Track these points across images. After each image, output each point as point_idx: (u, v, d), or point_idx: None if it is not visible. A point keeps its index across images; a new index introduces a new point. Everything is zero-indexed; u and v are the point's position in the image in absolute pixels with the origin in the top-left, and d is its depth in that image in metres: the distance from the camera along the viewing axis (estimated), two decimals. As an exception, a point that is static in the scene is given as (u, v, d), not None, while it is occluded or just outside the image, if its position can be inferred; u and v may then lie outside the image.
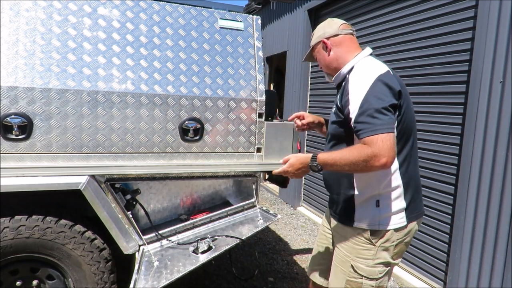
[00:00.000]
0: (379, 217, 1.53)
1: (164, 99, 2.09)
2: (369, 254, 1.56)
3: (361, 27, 4.08)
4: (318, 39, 1.67)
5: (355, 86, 1.45)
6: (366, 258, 1.56)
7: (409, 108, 1.52)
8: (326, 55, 1.66)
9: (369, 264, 1.56)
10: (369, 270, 1.56)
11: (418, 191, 1.63)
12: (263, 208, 2.54)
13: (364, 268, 1.56)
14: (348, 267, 1.60)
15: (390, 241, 1.55)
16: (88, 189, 1.94)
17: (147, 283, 1.93)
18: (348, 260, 1.60)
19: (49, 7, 1.93)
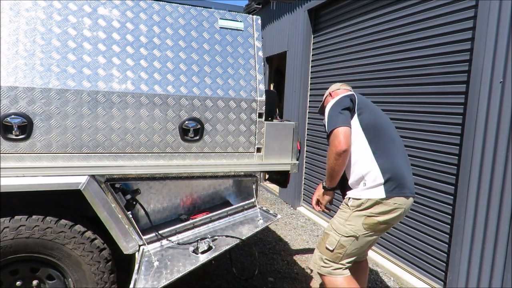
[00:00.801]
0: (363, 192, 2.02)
1: (164, 99, 2.09)
2: (344, 215, 2.06)
3: (361, 27, 4.08)
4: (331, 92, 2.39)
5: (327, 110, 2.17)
6: (341, 217, 2.07)
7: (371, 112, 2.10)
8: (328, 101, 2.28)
9: (341, 222, 2.06)
10: (340, 228, 2.05)
11: (399, 173, 2.02)
12: (263, 208, 2.54)
13: (336, 224, 2.08)
14: (329, 223, 2.15)
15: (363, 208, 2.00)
16: (88, 189, 1.94)
17: (147, 283, 1.93)
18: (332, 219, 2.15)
19: (49, 7, 1.93)
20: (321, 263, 2.11)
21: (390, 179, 1.97)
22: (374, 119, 2.09)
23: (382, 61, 3.73)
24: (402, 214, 2.03)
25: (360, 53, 4.11)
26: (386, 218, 1.98)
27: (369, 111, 2.09)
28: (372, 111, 2.12)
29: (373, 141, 2.03)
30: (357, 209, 2.01)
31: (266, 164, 2.41)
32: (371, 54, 3.89)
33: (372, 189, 1.98)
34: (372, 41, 3.89)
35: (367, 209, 1.99)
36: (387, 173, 1.98)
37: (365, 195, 1.99)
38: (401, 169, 2.03)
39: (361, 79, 4.07)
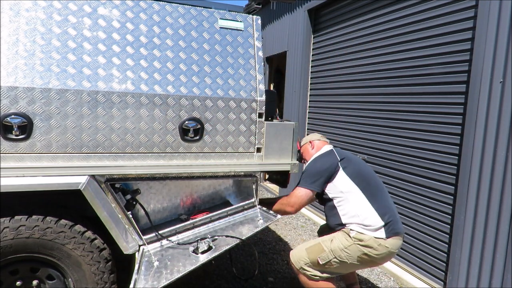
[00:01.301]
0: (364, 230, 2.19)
1: (164, 99, 2.09)
2: (346, 243, 2.19)
3: (361, 27, 4.08)
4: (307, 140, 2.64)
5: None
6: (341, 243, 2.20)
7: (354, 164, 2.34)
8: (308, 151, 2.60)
9: (340, 247, 2.19)
10: (337, 249, 2.20)
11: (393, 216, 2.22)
12: (263, 208, 2.54)
13: (335, 245, 2.21)
14: (328, 238, 2.28)
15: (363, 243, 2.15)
16: (88, 189, 1.94)
17: (147, 283, 1.92)
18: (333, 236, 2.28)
19: (49, 7, 1.93)
20: (305, 266, 2.28)
21: (388, 222, 2.18)
22: (359, 169, 2.33)
23: (382, 61, 3.73)
24: (391, 256, 2.25)
25: (360, 53, 4.11)
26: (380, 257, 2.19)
27: (352, 164, 2.33)
28: (355, 163, 2.36)
29: (365, 189, 2.25)
30: (359, 243, 2.16)
31: (266, 164, 2.41)
32: (371, 54, 3.89)
33: (374, 232, 2.17)
34: (372, 41, 3.89)
35: (368, 248, 2.15)
36: (385, 217, 2.19)
37: (368, 233, 2.17)
38: (394, 211, 2.28)
39: (361, 79, 4.07)
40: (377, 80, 3.80)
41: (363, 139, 4.03)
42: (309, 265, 2.27)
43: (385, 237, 2.15)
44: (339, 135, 4.52)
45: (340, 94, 4.51)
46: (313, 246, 2.30)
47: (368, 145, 3.94)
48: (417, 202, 3.28)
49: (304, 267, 2.28)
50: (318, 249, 2.26)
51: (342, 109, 4.47)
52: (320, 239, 2.32)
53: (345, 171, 2.29)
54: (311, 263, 2.26)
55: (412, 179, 3.33)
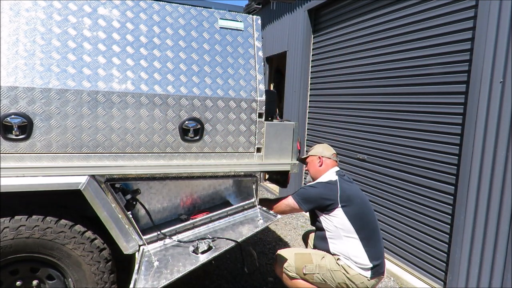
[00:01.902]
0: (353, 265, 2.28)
1: (164, 99, 2.09)
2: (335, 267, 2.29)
3: (361, 27, 4.08)
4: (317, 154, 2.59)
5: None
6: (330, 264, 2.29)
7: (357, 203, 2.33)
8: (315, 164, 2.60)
9: (328, 267, 2.29)
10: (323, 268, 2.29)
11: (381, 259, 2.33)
12: (263, 208, 2.54)
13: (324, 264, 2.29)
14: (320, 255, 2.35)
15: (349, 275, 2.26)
16: (88, 189, 1.94)
17: (147, 283, 1.92)
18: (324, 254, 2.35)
19: (49, 7, 1.93)
20: (289, 268, 2.37)
21: (375, 265, 2.28)
22: (361, 212, 2.35)
23: (382, 61, 3.73)
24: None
25: (360, 53, 4.11)
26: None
27: (354, 204, 2.33)
28: (357, 203, 2.36)
29: (360, 230, 2.30)
30: (345, 274, 2.27)
31: (266, 164, 2.41)
32: (371, 54, 3.89)
33: (361, 270, 2.28)
34: (372, 41, 3.89)
35: (350, 281, 2.27)
36: (374, 260, 2.28)
37: (355, 269, 2.28)
38: (383, 254, 2.38)
39: (361, 79, 4.07)
40: (377, 80, 3.80)
41: (363, 139, 4.03)
42: (292, 269, 2.35)
43: (369, 277, 2.27)
44: (339, 135, 4.52)
45: (340, 94, 4.51)
46: (303, 254, 2.38)
47: (368, 145, 3.94)
48: (417, 202, 3.28)
49: (287, 268, 2.37)
50: (307, 259, 2.33)
51: (342, 109, 4.47)
52: (312, 251, 2.40)
53: (344, 209, 2.32)
54: (295, 268, 2.34)
55: (412, 179, 3.33)
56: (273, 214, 2.52)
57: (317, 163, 2.57)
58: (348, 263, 2.30)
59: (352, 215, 2.31)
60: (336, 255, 2.36)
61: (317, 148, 2.64)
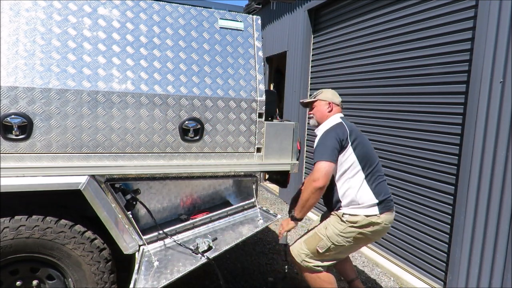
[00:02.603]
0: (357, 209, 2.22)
1: (164, 99, 2.09)
2: (340, 227, 2.22)
3: (361, 27, 4.08)
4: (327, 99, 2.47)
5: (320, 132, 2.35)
6: (336, 228, 2.23)
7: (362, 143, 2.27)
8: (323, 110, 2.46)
9: (335, 232, 2.21)
10: (333, 236, 2.22)
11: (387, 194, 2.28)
12: (263, 208, 2.55)
13: (330, 232, 2.23)
14: (322, 226, 2.30)
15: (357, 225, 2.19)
16: (88, 189, 1.94)
17: (147, 283, 1.93)
18: (326, 223, 2.29)
19: (49, 7, 1.93)
20: (306, 258, 2.29)
21: (382, 200, 2.23)
22: (365, 148, 2.30)
23: (382, 61, 3.73)
24: (385, 231, 2.31)
25: (360, 53, 4.11)
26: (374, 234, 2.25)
27: (361, 143, 2.29)
28: (362, 141, 2.31)
29: (365, 168, 2.26)
30: (353, 225, 2.20)
31: (266, 164, 2.41)
32: (371, 54, 3.89)
33: (367, 209, 2.21)
34: (372, 41, 3.89)
35: (362, 228, 2.20)
36: (380, 196, 2.23)
37: (361, 212, 2.20)
38: (388, 190, 2.33)
39: (361, 79, 4.07)
40: (377, 80, 3.80)
41: (363, 139, 4.03)
42: (310, 256, 2.28)
43: (378, 213, 2.21)
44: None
45: (340, 94, 4.50)
46: (310, 237, 2.32)
47: (368, 145, 3.94)
48: (417, 202, 3.28)
49: (306, 260, 2.29)
50: (315, 239, 2.27)
51: (342, 109, 4.46)
52: (315, 229, 2.33)
53: (352, 147, 2.25)
54: (312, 254, 2.27)
55: (412, 179, 3.33)
56: (273, 214, 2.53)
57: (326, 108, 2.44)
58: (353, 211, 2.21)
59: (358, 153, 2.25)
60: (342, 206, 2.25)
61: (327, 93, 2.50)
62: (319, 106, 2.47)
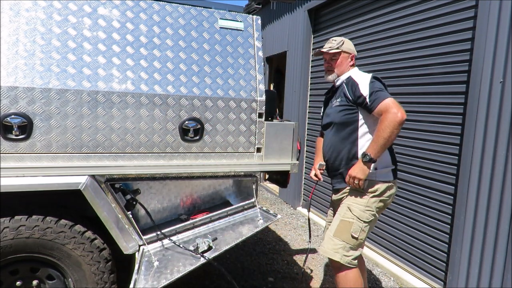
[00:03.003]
0: (375, 173, 2.10)
1: (164, 99, 2.09)
2: (363, 201, 2.10)
3: (361, 27, 4.08)
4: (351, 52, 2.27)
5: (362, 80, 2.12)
6: (360, 204, 2.10)
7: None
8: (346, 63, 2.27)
9: (361, 208, 2.09)
10: (361, 214, 2.08)
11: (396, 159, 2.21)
12: (263, 208, 2.55)
13: (357, 211, 2.09)
14: (344, 210, 2.13)
15: (378, 192, 2.10)
16: (88, 189, 1.94)
17: (147, 283, 1.93)
18: (345, 205, 2.14)
19: (49, 7, 1.93)
20: (344, 252, 2.06)
21: (396, 164, 2.19)
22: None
23: (382, 61, 3.73)
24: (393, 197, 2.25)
25: (360, 53, 4.10)
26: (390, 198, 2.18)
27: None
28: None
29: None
30: (374, 195, 2.10)
31: (266, 164, 2.41)
32: (371, 54, 3.89)
33: (385, 174, 2.12)
34: (372, 41, 3.89)
35: (382, 195, 2.12)
36: (394, 160, 2.18)
37: (380, 178, 2.11)
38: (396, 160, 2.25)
39: (361, 79, 4.06)
40: (377, 80, 3.79)
41: (363, 139, 4.03)
42: (349, 248, 2.07)
43: (393, 178, 2.15)
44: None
45: (340, 94, 4.51)
46: (338, 227, 2.10)
47: (368, 145, 3.94)
48: (417, 202, 3.28)
49: (346, 254, 2.06)
50: (345, 226, 2.08)
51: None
52: (339, 217, 2.12)
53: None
54: (349, 244, 2.07)
55: (412, 179, 3.33)
56: (273, 214, 2.53)
57: (349, 61, 2.25)
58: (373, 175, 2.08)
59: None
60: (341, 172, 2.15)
61: (348, 44, 2.27)
62: (342, 59, 2.24)
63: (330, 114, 2.27)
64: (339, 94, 2.23)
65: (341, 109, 2.17)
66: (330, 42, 2.27)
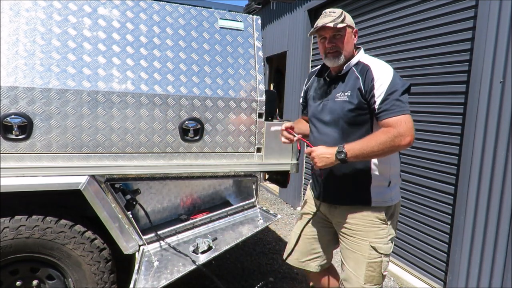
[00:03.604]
0: (390, 195, 1.77)
1: (164, 99, 2.09)
2: (384, 233, 1.75)
3: (361, 27, 4.08)
4: (354, 26, 1.81)
5: (380, 74, 1.66)
6: (382, 237, 1.75)
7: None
8: (352, 41, 1.79)
9: (385, 242, 1.75)
10: (386, 248, 1.76)
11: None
12: (263, 208, 2.54)
13: (382, 247, 1.74)
14: (367, 250, 1.75)
15: (394, 215, 1.81)
16: (88, 189, 1.94)
17: (147, 283, 1.93)
18: (367, 243, 1.75)
19: (49, 7, 1.93)
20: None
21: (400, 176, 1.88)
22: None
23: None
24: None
25: (360, 53, 4.10)
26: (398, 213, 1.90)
27: None
28: None
29: None
30: (390, 219, 1.79)
31: (266, 164, 2.41)
32: (371, 54, 3.88)
33: (398, 192, 1.83)
34: (372, 41, 3.89)
35: (394, 215, 1.81)
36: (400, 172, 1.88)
37: (394, 198, 1.79)
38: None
39: (361, 79, 4.06)
40: (377, 80, 3.79)
41: (363, 139, 4.03)
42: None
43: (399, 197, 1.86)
44: (339, 135, 4.52)
45: (340, 94, 4.51)
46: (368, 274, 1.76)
47: (368, 145, 3.94)
48: (417, 202, 3.28)
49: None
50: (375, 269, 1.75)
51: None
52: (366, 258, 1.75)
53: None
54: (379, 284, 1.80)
55: (412, 179, 3.33)
56: (273, 214, 2.52)
57: (353, 37, 1.80)
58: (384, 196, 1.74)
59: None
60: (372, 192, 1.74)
61: (349, 17, 1.81)
62: (348, 35, 1.75)
63: (333, 109, 1.78)
64: (348, 85, 1.74)
65: (351, 108, 1.70)
66: (328, 15, 1.74)
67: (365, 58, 1.78)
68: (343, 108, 1.73)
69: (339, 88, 1.78)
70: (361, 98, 1.68)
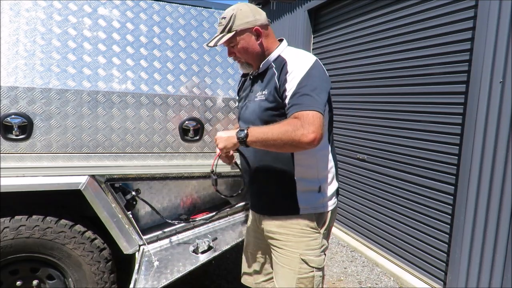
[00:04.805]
0: (322, 201, 1.57)
1: (164, 99, 2.10)
2: (316, 244, 1.56)
3: (361, 27, 4.08)
4: (249, 25, 1.54)
5: (295, 66, 1.46)
6: (314, 249, 1.55)
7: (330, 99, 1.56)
8: (254, 42, 1.58)
9: (317, 254, 1.56)
10: (318, 260, 1.56)
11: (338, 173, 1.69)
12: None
13: (314, 260, 1.55)
14: (297, 264, 1.54)
15: (327, 223, 1.60)
16: (88, 189, 1.95)
17: (147, 283, 1.93)
18: (297, 256, 1.55)
19: (49, 7, 1.93)
20: None
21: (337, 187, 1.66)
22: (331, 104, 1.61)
23: (382, 61, 3.73)
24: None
25: (360, 53, 4.11)
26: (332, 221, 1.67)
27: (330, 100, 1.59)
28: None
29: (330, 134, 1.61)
30: (325, 229, 1.60)
31: (266, 164, 2.40)
32: (371, 54, 3.89)
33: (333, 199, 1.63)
34: (372, 41, 3.89)
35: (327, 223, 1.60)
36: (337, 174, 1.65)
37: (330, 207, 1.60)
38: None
39: (361, 79, 4.07)
40: (377, 80, 3.80)
41: (363, 139, 4.03)
42: None
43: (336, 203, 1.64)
44: (339, 135, 4.52)
45: (340, 94, 4.51)
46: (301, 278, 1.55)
47: (368, 145, 3.94)
48: (417, 202, 3.28)
49: None
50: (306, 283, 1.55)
51: (342, 109, 4.47)
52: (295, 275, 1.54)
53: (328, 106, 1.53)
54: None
55: (412, 179, 3.33)
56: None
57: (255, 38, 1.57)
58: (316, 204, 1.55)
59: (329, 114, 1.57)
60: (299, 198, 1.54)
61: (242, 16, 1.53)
62: (244, 42, 1.57)
63: (253, 110, 1.59)
64: (265, 83, 1.56)
65: (268, 106, 1.51)
66: (220, 23, 1.57)
67: (286, 51, 1.60)
68: (260, 107, 1.54)
69: (258, 86, 1.60)
70: (276, 95, 1.47)
